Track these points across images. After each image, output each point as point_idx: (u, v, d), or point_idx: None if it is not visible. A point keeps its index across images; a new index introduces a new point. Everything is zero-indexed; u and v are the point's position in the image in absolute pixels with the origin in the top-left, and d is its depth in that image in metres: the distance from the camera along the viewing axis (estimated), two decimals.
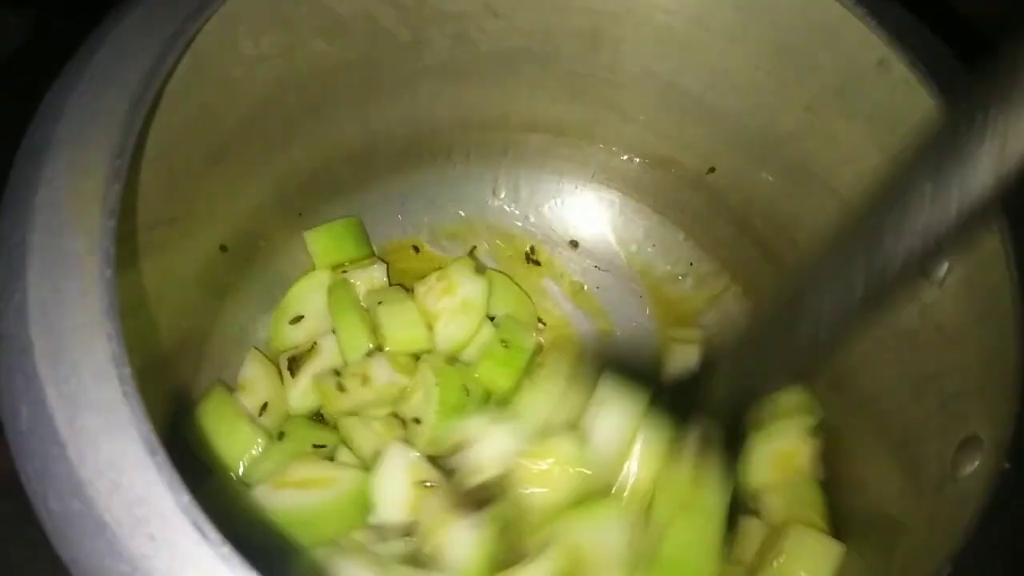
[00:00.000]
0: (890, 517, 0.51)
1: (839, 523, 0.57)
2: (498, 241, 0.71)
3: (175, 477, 0.27)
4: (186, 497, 0.27)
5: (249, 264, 0.61)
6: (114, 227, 0.31)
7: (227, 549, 0.26)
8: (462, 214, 0.70)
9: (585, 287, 0.70)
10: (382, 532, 0.50)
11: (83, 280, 0.30)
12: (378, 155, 0.65)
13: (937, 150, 0.34)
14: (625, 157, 0.68)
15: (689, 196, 0.68)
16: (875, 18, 0.48)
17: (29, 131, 0.35)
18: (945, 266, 0.48)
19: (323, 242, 0.64)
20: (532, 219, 0.71)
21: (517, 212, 0.71)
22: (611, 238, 0.71)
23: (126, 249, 0.32)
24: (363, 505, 0.51)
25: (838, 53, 0.51)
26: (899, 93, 0.48)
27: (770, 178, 0.61)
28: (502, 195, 0.70)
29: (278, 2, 0.48)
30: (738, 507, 0.55)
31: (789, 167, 0.59)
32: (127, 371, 0.28)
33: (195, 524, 0.26)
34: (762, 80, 0.56)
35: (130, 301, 0.32)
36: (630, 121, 0.64)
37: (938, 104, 0.46)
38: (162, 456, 0.27)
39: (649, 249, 0.70)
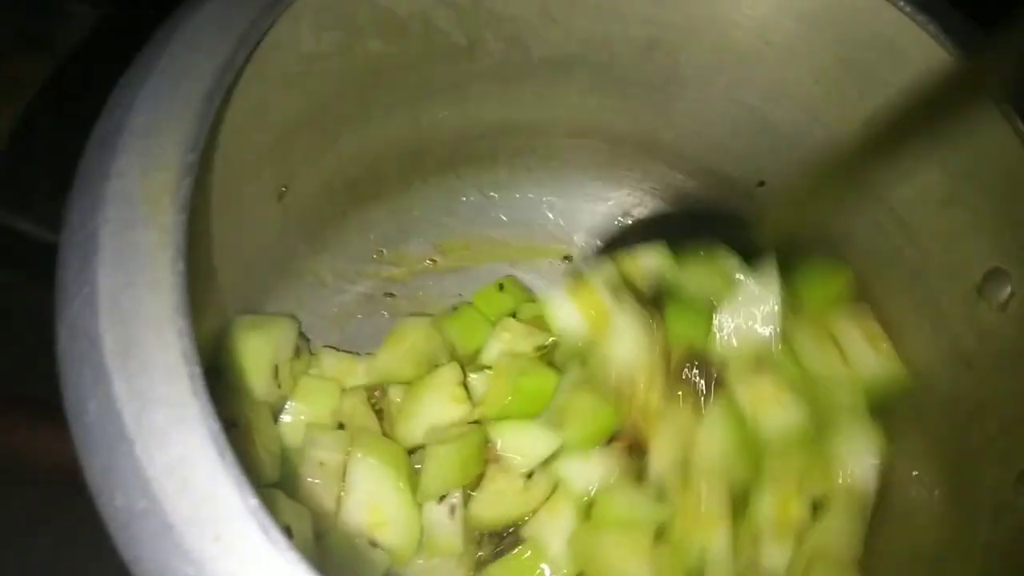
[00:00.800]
0: (939, 547, 0.50)
1: (882, 555, 0.55)
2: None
3: (243, 478, 0.27)
4: (254, 500, 0.26)
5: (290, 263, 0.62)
6: (186, 222, 0.31)
7: (294, 554, 0.26)
8: (504, 219, 0.70)
9: None
10: None
11: (155, 274, 0.30)
12: (426, 156, 0.65)
13: None
14: (673, 166, 0.67)
15: (737, 209, 0.67)
16: (943, 32, 0.47)
17: (100, 121, 0.34)
18: (1008, 289, 0.47)
19: None
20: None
21: (563, 223, 0.70)
22: None
23: (195, 243, 0.32)
24: None
25: (903, 69, 0.50)
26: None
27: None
28: (547, 200, 0.70)
29: (341, 1, 0.48)
30: None
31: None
32: (197, 369, 0.28)
33: (262, 527, 0.26)
34: (821, 94, 0.55)
35: (200, 294, 0.32)
36: (681, 131, 0.63)
37: (1006, 118, 0.45)
38: (231, 457, 0.27)
39: None
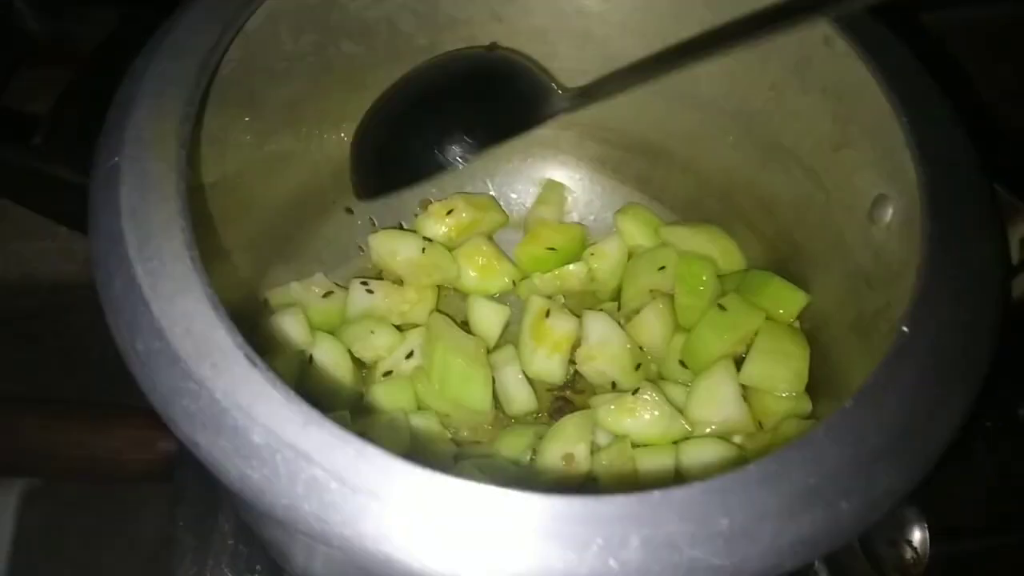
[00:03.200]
0: None
1: None
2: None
3: (231, 323, 0.36)
4: (240, 337, 0.35)
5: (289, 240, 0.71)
6: (186, 155, 0.41)
7: (272, 374, 0.34)
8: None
9: None
10: None
11: (163, 190, 0.39)
12: None
13: None
14: (623, 146, 0.75)
15: (679, 180, 0.75)
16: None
17: (120, 88, 0.45)
18: (890, 210, 0.55)
19: None
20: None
21: (527, 203, 0.79)
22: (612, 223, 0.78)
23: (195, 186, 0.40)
24: None
25: (791, 34, 0.58)
26: (843, 65, 0.54)
27: (747, 156, 0.68)
28: (511, 186, 0.79)
29: (313, 6, 0.58)
30: None
31: (762, 143, 0.65)
32: (195, 253, 0.37)
33: (247, 356, 0.35)
34: (733, 65, 0.63)
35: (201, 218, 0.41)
36: (621, 112, 0.71)
37: (873, 69, 0.54)
38: (222, 310, 0.36)
39: None
